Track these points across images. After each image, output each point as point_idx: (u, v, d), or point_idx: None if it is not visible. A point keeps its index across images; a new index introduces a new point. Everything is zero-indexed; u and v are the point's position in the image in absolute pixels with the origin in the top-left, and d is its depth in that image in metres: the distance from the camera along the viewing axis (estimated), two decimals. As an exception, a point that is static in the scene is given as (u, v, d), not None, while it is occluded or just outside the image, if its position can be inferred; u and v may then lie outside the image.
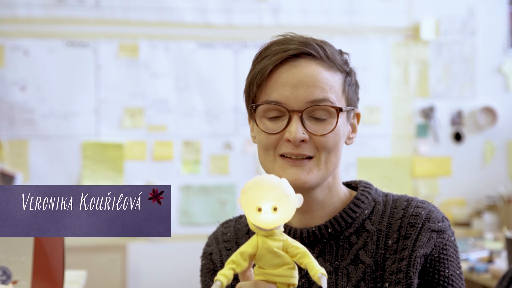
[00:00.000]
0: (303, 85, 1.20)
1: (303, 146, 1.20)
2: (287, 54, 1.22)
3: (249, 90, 1.25)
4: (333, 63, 1.24)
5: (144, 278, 4.01)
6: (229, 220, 1.42)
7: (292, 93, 1.20)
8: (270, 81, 1.22)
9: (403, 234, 1.23)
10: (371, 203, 1.29)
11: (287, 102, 1.20)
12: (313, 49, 1.23)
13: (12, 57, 3.90)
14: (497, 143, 4.33)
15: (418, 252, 1.21)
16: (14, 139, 3.90)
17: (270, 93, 1.21)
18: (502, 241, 3.49)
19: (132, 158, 4.01)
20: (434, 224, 1.23)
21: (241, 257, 0.97)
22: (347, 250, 1.25)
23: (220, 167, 4.08)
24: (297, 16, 4.15)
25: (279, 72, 1.22)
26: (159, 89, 4.05)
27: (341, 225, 1.26)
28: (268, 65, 1.22)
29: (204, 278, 1.38)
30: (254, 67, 1.26)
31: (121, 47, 4.01)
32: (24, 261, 1.50)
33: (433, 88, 4.29)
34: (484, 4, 4.32)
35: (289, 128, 1.19)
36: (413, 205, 1.26)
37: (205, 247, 1.41)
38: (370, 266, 1.23)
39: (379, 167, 4.23)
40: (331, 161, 1.22)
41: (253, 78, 1.24)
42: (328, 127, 1.20)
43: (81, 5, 3.98)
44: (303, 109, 1.19)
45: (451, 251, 1.24)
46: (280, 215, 0.95)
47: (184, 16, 4.07)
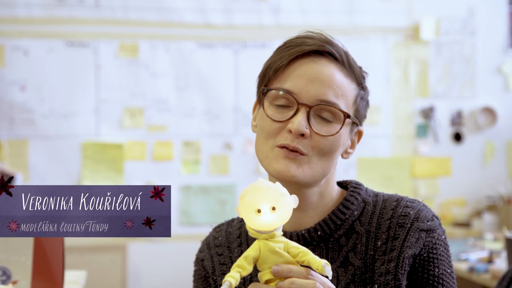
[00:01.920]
0: (318, 82, 1.20)
1: (301, 141, 1.19)
2: (311, 48, 1.22)
3: (265, 74, 1.26)
4: (352, 72, 1.25)
5: (144, 278, 4.01)
6: (221, 224, 1.42)
7: (306, 86, 1.20)
8: (288, 70, 1.22)
9: (392, 234, 1.22)
10: (360, 203, 1.27)
11: (299, 94, 1.20)
12: (336, 51, 1.23)
13: (12, 57, 3.90)
14: (497, 143, 4.33)
15: (406, 253, 1.20)
16: (14, 139, 3.90)
17: (285, 81, 1.22)
18: (502, 241, 3.49)
19: (132, 158, 4.00)
20: (423, 223, 1.22)
21: (245, 261, 0.98)
22: (337, 252, 1.24)
23: (220, 167, 4.08)
24: (297, 16, 4.15)
25: (298, 64, 1.22)
26: (159, 89, 4.05)
27: (331, 227, 1.25)
28: (290, 54, 1.22)
29: (196, 284, 1.38)
30: (276, 53, 1.26)
31: (121, 47, 4.01)
32: (24, 261, 1.49)
33: (433, 88, 4.29)
34: (484, 4, 4.32)
35: (294, 119, 1.19)
36: (402, 205, 1.25)
37: (197, 253, 1.41)
38: (360, 268, 1.22)
39: (379, 167, 4.23)
40: (323, 164, 1.21)
41: (272, 63, 1.24)
42: (331, 130, 1.20)
43: (81, 5, 3.98)
44: (312, 105, 1.19)
45: (441, 250, 1.23)
46: (278, 215, 0.97)
47: (184, 16, 4.07)
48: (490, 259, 3.16)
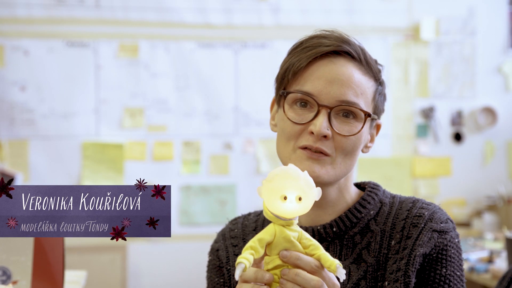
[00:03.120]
0: (337, 83, 1.21)
1: (324, 142, 1.20)
2: (329, 49, 1.23)
3: (283, 76, 1.26)
4: (369, 69, 1.25)
5: (144, 278, 4.01)
6: (237, 217, 1.43)
7: (326, 87, 1.21)
8: (307, 72, 1.23)
9: (406, 234, 1.24)
10: (377, 204, 1.29)
11: (319, 96, 1.21)
12: (354, 50, 1.24)
13: (12, 57, 3.90)
14: (497, 143, 4.33)
15: (417, 251, 1.21)
16: (14, 139, 3.90)
17: (304, 83, 1.22)
18: (502, 241, 3.49)
19: (132, 158, 4.00)
20: (436, 224, 1.24)
21: (259, 243, 0.98)
22: (351, 249, 1.25)
23: (220, 167, 4.08)
24: (297, 16, 4.15)
25: (317, 65, 1.23)
26: (159, 89, 4.04)
27: (346, 224, 1.26)
28: (308, 55, 1.23)
29: (210, 274, 1.39)
30: (292, 55, 1.26)
31: (121, 47, 4.00)
32: (24, 261, 1.49)
33: (433, 88, 4.29)
34: (484, 4, 4.32)
35: (315, 121, 1.20)
36: (417, 206, 1.27)
37: (212, 244, 1.42)
38: (372, 265, 1.23)
39: (379, 167, 4.23)
40: (346, 163, 1.23)
41: (290, 66, 1.25)
42: (353, 129, 1.22)
43: (81, 5, 3.98)
44: (332, 106, 1.20)
45: (452, 252, 1.24)
46: (302, 206, 0.97)
47: (184, 16, 4.07)
48: (490, 259, 3.16)
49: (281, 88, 1.26)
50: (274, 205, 0.97)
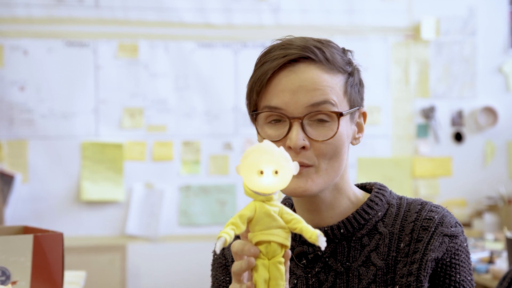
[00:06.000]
0: (302, 90, 1.19)
1: (303, 154, 1.19)
2: (286, 59, 1.22)
3: (250, 97, 1.26)
4: (333, 65, 1.23)
5: (144, 279, 4.00)
6: None
7: (292, 98, 1.19)
8: (270, 87, 1.22)
9: (415, 237, 1.23)
10: (384, 205, 1.28)
11: (287, 108, 1.19)
12: (312, 53, 1.22)
13: (11, 57, 3.90)
14: (497, 143, 4.33)
15: (429, 255, 1.21)
16: (13, 139, 3.89)
17: (270, 99, 1.21)
18: (502, 241, 3.48)
19: (132, 158, 4.00)
20: (447, 228, 1.24)
21: (240, 219, 0.98)
22: (359, 251, 1.25)
23: (220, 168, 4.07)
24: (297, 16, 4.14)
25: (278, 78, 1.21)
26: (159, 89, 4.04)
27: (354, 226, 1.25)
28: (267, 71, 1.22)
29: (215, 273, 1.38)
30: (254, 73, 1.26)
31: (120, 47, 4.00)
32: (23, 262, 1.49)
33: (433, 88, 4.28)
34: (484, 4, 4.32)
35: (290, 135, 1.18)
36: (426, 209, 1.26)
37: None
38: (381, 268, 1.23)
39: (379, 167, 4.22)
40: (332, 167, 1.21)
41: (253, 85, 1.24)
42: (329, 132, 1.19)
43: (80, 5, 3.98)
44: (303, 114, 1.19)
45: (463, 256, 1.24)
46: (280, 179, 0.97)
47: (184, 16, 4.06)
48: (491, 260, 3.16)
49: (251, 109, 1.26)
50: (252, 181, 0.97)
